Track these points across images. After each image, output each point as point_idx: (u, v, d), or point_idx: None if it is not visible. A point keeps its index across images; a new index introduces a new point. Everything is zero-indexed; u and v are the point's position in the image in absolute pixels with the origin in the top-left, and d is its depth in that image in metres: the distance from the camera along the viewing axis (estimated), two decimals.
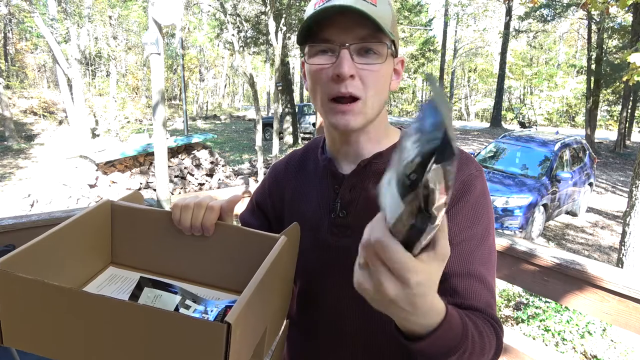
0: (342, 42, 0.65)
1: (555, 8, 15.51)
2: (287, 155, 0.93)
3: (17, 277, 0.49)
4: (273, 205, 0.88)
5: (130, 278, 0.72)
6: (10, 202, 7.02)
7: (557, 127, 24.11)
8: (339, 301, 0.77)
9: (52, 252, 0.61)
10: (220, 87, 32.78)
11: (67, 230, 0.63)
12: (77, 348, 0.51)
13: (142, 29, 19.28)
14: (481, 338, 0.57)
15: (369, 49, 0.66)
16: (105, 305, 0.48)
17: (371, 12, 0.62)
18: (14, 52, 21.98)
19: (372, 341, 0.75)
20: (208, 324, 0.47)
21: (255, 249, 0.70)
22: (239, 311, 0.48)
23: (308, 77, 0.71)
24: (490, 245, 0.71)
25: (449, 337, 0.50)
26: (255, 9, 12.19)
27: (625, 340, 2.91)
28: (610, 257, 5.58)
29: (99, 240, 0.72)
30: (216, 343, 0.46)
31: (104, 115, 16.11)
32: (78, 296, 0.50)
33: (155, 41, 4.82)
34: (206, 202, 0.70)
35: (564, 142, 6.85)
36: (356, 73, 0.65)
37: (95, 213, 0.70)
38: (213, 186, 7.97)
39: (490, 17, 25.50)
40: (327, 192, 0.78)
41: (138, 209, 0.74)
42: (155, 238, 0.73)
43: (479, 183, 0.70)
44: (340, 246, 0.75)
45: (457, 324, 0.51)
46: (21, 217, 1.67)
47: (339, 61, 0.64)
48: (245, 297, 0.51)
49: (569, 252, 1.47)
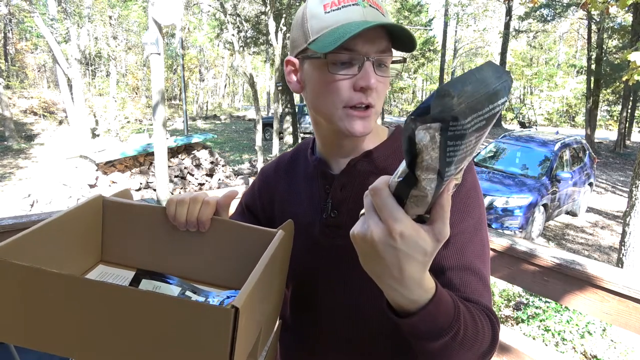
0: (366, 54, 0.65)
1: (555, 8, 15.51)
2: (276, 158, 0.93)
3: (11, 265, 0.47)
4: (263, 208, 0.87)
5: (122, 276, 0.70)
6: (10, 202, 7.02)
7: (557, 127, 24.11)
8: (332, 301, 0.76)
9: (40, 246, 0.58)
10: (220, 87, 32.78)
11: (55, 224, 0.61)
12: (76, 339, 0.49)
13: (142, 29, 19.29)
14: (474, 324, 0.56)
15: (385, 60, 0.67)
16: (110, 292, 0.47)
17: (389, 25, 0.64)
18: (14, 52, 21.98)
19: (368, 341, 0.75)
20: (216, 309, 0.46)
21: (252, 244, 0.69)
22: (245, 297, 0.47)
23: (317, 83, 0.69)
24: (482, 238, 0.70)
25: (440, 315, 0.49)
26: (255, 9, 12.19)
27: (625, 340, 2.91)
28: (610, 257, 5.58)
29: (89, 237, 0.69)
30: (223, 328, 0.45)
31: (104, 115, 16.11)
32: (79, 283, 0.47)
33: (155, 41, 4.83)
34: (202, 197, 0.69)
35: (564, 142, 6.85)
36: (377, 84, 0.67)
37: (86, 208, 0.68)
38: (213, 186, 7.97)
39: (490, 17, 25.49)
40: (318, 192, 0.78)
41: (131, 205, 0.71)
42: (149, 234, 0.71)
43: (469, 177, 0.71)
44: (332, 246, 0.74)
45: (449, 304, 0.51)
46: (21, 217, 1.67)
47: (365, 74, 0.65)
48: (249, 286, 0.50)
49: (569, 252, 1.47)
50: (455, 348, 0.53)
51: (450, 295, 0.53)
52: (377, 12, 0.65)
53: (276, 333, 0.74)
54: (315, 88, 0.70)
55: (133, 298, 0.46)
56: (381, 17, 0.65)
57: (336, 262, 0.74)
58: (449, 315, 0.51)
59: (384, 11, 0.67)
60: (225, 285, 0.71)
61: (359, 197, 0.72)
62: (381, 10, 0.66)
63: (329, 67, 0.66)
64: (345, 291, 0.74)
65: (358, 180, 0.74)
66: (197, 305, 0.47)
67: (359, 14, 0.64)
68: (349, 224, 0.70)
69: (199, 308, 0.46)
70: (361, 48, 0.65)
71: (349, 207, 0.74)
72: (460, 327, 0.52)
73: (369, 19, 0.64)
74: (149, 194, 7.14)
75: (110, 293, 0.47)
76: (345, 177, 0.75)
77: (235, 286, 0.70)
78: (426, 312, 0.48)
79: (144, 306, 0.46)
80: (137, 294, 0.47)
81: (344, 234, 0.71)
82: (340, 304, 0.75)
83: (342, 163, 0.76)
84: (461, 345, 0.53)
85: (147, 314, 0.46)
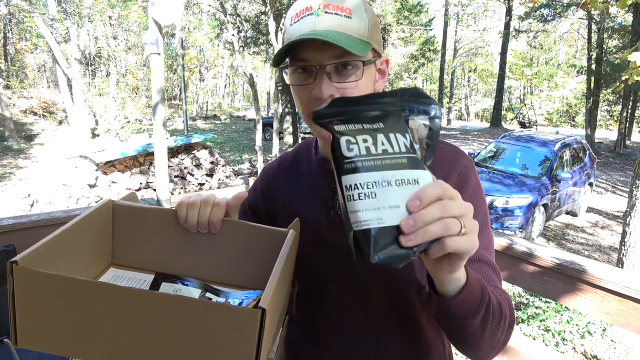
0: (319, 63, 0.65)
1: (555, 8, 15.50)
2: (278, 158, 0.94)
3: (39, 274, 0.48)
4: (266, 207, 0.88)
5: (135, 278, 0.71)
6: (10, 202, 7.02)
7: (557, 127, 24.11)
8: (338, 297, 0.77)
9: (58, 254, 0.59)
10: (220, 87, 32.78)
11: (72, 231, 0.62)
12: (106, 345, 0.49)
13: (142, 29, 19.28)
14: (499, 304, 0.62)
15: (346, 63, 0.66)
16: (138, 298, 0.47)
17: (344, 30, 0.64)
18: (14, 52, 21.97)
19: (375, 337, 0.76)
20: (244, 310, 0.46)
21: (263, 244, 0.69)
22: (269, 298, 0.48)
23: (292, 92, 0.73)
24: (490, 232, 0.75)
25: (476, 289, 0.57)
26: (255, 9, 12.18)
27: (625, 340, 2.91)
28: (610, 257, 5.58)
29: (100, 241, 0.70)
30: (251, 329, 0.45)
31: (104, 115, 16.09)
32: (108, 290, 0.48)
33: (155, 41, 4.83)
34: (213, 199, 0.70)
35: (564, 142, 6.85)
36: (336, 92, 0.67)
37: (97, 213, 0.68)
38: (213, 186, 7.97)
39: (490, 17, 25.49)
40: (324, 191, 0.79)
41: (140, 208, 0.72)
42: (159, 237, 0.72)
43: (472, 174, 0.75)
44: (339, 243, 0.75)
45: (476, 278, 0.58)
46: (21, 217, 1.67)
47: (317, 84, 0.66)
48: (271, 286, 0.51)
49: (569, 252, 1.47)
50: (489, 320, 0.60)
51: (475, 274, 0.59)
52: (332, 16, 0.64)
53: (284, 328, 0.76)
54: (293, 96, 0.74)
55: (162, 303, 0.47)
56: (338, 20, 0.64)
57: (342, 259, 0.75)
58: (480, 291, 0.58)
59: (349, 12, 0.65)
60: (239, 285, 0.71)
61: None
62: (344, 12, 0.65)
63: (292, 77, 0.69)
64: (351, 286, 0.76)
65: None
66: (225, 307, 0.48)
67: (310, 24, 0.65)
68: None
69: (227, 310, 0.47)
70: (312, 57, 0.65)
71: None
72: (491, 298, 0.60)
73: (319, 28, 0.64)
74: (149, 194, 7.14)
75: (139, 298, 0.47)
76: None
77: (251, 286, 0.70)
78: (467, 290, 0.56)
79: (172, 310, 0.47)
80: (166, 298, 0.48)
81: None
82: (346, 299, 0.76)
83: None
84: (493, 317, 0.60)
85: (175, 318, 0.47)
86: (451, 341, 0.67)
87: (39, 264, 0.52)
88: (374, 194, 0.44)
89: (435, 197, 0.45)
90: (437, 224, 0.45)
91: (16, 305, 0.49)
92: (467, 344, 0.62)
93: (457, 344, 0.65)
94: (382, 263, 0.44)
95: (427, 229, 0.44)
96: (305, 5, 0.66)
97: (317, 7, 0.65)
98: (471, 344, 0.62)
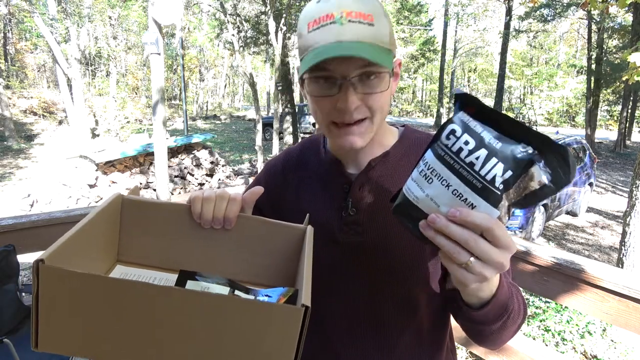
0: (344, 74, 0.64)
1: (555, 8, 15.49)
2: (282, 153, 0.92)
3: (68, 273, 0.45)
4: (270, 203, 0.87)
5: (143, 275, 0.68)
6: (10, 202, 7.02)
7: (557, 127, 24.12)
8: (347, 295, 0.77)
9: (73, 252, 0.56)
10: (220, 87, 32.77)
11: (87, 229, 0.59)
12: (143, 346, 0.48)
13: (142, 29, 19.27)
14: (519, 306, 0.66)
15: (371, 73, 0.65)
16: (178, 297, 0.46)
17: (369, 39, 0.62)
18: (14, 52, 21.96)
19: (383, 335, 0.77)
20: (287, 308, 0.46)
21: (279, 240, 0.68)
22: (309, 296, 0.47)
23: (309, 99, 0.70)
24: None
25: (502, 303, 0.60)
26: (255, 9, 12.17)
27: (625, 340, 2.91)
28: (610, 257, 5.58)
29: (108, 237, 0.67)
30: (294, 327, 0.45)
31: (104, 115, 16.08)
32: (146, 289, 0.46)
33: (155, 41, 4.83)
34: (228, 194, 0.68)
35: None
36: (361, 101, 0.65)
37: (108, 209, 0.65)
38: (213, 186, 7.97)
39: (490, 17, 25.47)
40: (336, 191, 0.79)
41: (150, 203, 0.69)
42: (169, 232, 0.69)
43: None
44: (350, 242, 0.76)
45: (505, 293, 0.61)
46: (21, 217, 1.67)
47: (342, 96, 0.64)
48: (307, 284, 0.51)
49: (568, 252, 1.47)
50: (508, 323, 0.63)
51: (503, 275, 0.61)
52: (357, 25, 0.62)
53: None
54: (309, 103, 0.72)
55: (199, 302, 0.46)
56: (363, 30, 0.62)
57: (352, 258, 0.76)
58: (508, 299, 0.61)
59: (371, 19, 0.63)
60: (257, 283, 0.69)
61: (377, 195, 0.75)
62: (366, 20, 0.63)
63: (312, 85, 0.67)
64: (360, 285, 0.77)
65: (376, 180, 0.76)
66: (267, 305, 0.47)
67: (334, 34, 0.62)
68: (367, 222, 0.75)
69: (269, 308, 0.46)
70: (337, 68, 0.64)
71: (368, 205, 0.76)
72: (514, 304, 0.63)
73: (345, 38, 0.62)
74: (149, 194, 7.14)
75: (181, 298, 0.46)
76: (365, 176, 0.77)
77: (270, 283, 0.69)
78: (493, 302, 0.58)
79: (213, 310, 0.46)
80: (205, 297, 0.47)
81: (362, 231, 0.75)
82: (355, 297, 0.77)
83: (359, 162, 0.78)
84: (513, 320, 0.63)
85: (215, 317, 0.46)
86: (466, 333, 0.70)
87: (61, 262, 0.50)
88: (431, 180, 0.49)
89: (477, 225, 0.46)
90: (449, 243, 0.47)
91: (39, 306, 0.47)
92: (482, 340, 0.68)
93: (471, 337, 0.69)
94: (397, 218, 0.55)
95: (439, 237, 0.47)
96: (325, 12, 0.63)
97: (339, 15, 0.62)
98: (487, 340, 0.67)
